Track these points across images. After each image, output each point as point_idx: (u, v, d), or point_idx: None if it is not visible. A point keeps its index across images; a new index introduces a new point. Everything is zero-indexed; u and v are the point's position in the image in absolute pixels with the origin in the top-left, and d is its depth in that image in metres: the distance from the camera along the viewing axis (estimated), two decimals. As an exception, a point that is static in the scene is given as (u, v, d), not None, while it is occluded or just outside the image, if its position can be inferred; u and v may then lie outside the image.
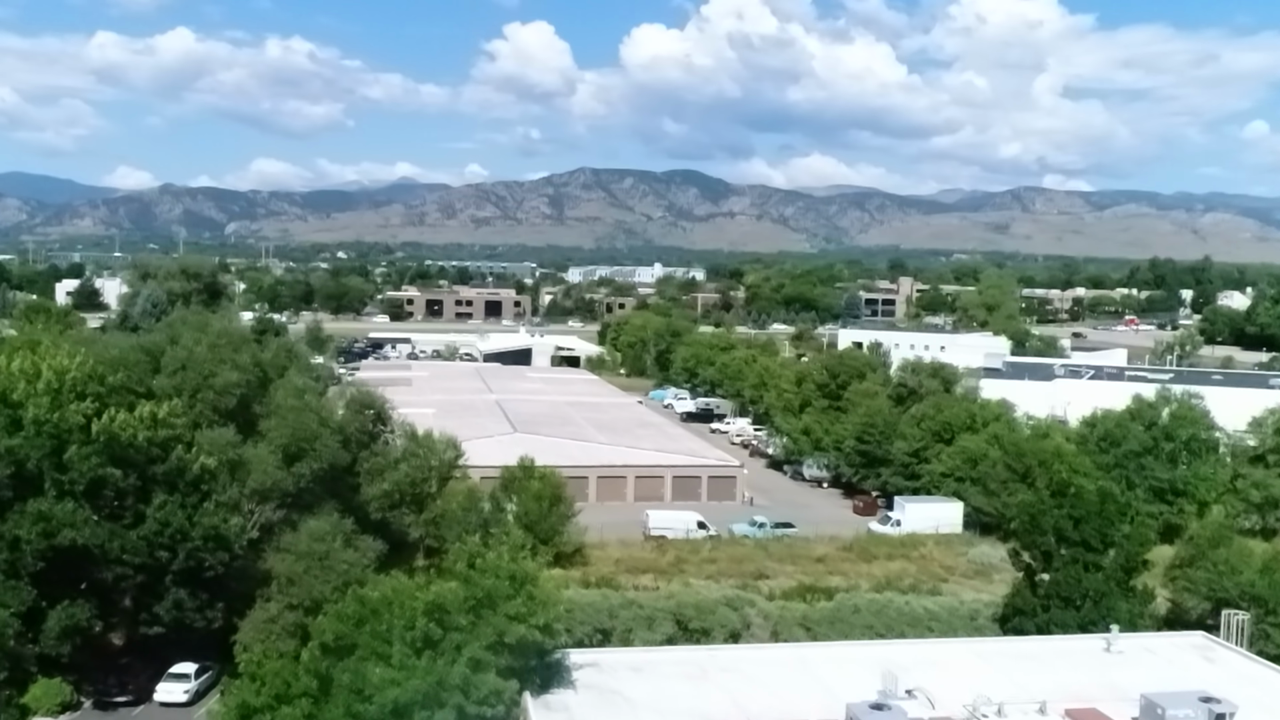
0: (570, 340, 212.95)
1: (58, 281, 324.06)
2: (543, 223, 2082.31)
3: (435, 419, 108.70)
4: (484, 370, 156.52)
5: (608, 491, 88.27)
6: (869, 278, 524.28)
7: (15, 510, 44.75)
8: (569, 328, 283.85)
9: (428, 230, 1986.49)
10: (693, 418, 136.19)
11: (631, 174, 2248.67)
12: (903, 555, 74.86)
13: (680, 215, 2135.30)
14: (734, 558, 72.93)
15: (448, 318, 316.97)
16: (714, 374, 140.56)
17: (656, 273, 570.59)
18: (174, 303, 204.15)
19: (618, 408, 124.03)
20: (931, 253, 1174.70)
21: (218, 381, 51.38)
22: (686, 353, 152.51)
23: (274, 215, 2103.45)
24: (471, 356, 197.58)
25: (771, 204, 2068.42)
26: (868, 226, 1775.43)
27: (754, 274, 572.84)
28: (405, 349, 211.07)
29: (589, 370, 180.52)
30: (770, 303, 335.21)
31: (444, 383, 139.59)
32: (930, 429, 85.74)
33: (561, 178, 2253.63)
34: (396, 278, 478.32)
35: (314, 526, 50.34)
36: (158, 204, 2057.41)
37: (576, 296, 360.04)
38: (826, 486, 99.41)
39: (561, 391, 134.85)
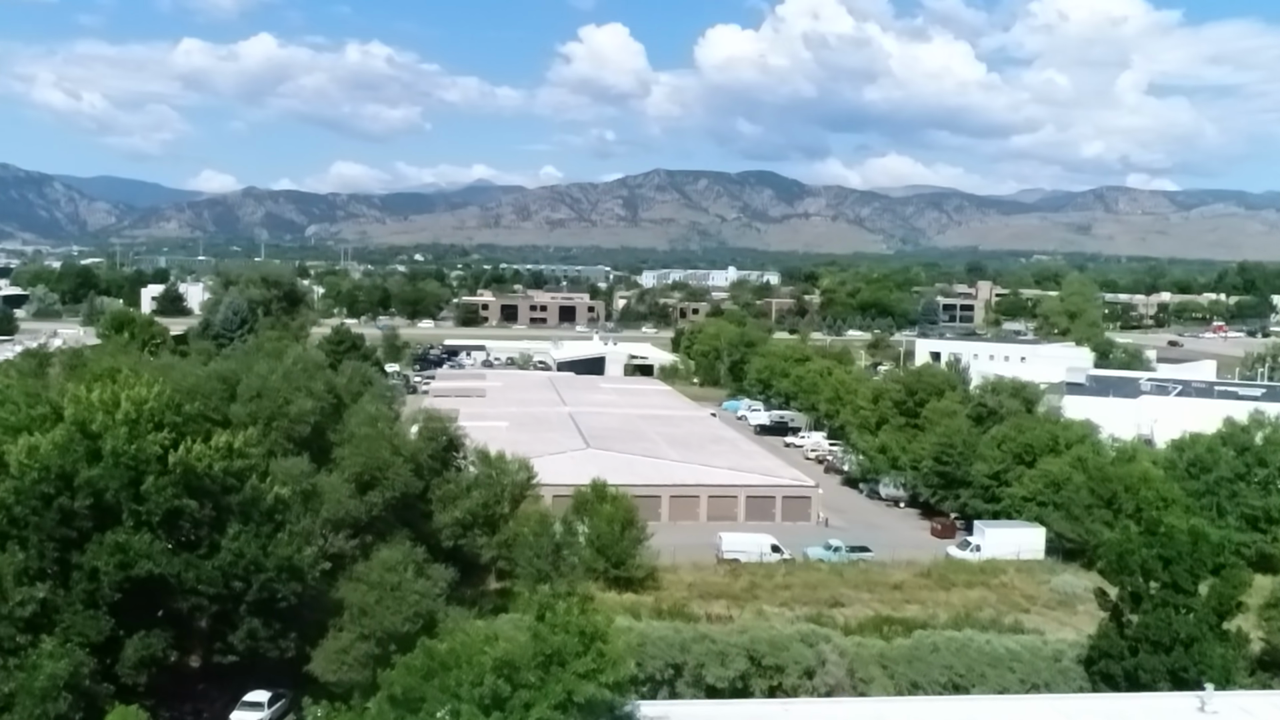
0: (643, 348, 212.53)
1: (143, 287, 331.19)
2: (617, 224, 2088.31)
3: (508, 433, 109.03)
4: (557, 380, 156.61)
5: (680, 511, 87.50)
6: (946, 281, 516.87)
7: (94, 541, 45.21)
8: (642, 334, 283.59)
9: (503, 232, 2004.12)
10: (766, 431, 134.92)
11: (706, 175, 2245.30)
12: (982, 583, 73.09)
13: (755, 216, 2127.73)
14: (808, 583, 71.75)
15: (522, 323, 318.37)
16: (788, 386, 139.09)
17: (730, 276, 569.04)
18: (255, 310, 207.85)
19: (691, 421, 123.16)
20: (1011, 254, 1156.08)
21: (292, 410, 51.59)
22: (761, 364, 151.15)
23: (353, 217, 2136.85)
24: (545, 365, 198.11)
25: (847, 205, 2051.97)
26: (945, 227, 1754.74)
27: (829, 277, 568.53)
28: (480, 356, 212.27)
29: (662, 380, 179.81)
30: (846, 308, 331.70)
31: (517, 394, 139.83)
32: (1011, 451, 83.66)
33: (636, 179, 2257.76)
34: (472, 281, 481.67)
35: (386, 556, 50.25)
36: (240, 207, 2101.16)
37: (650, 301, 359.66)
38: (903, 506, 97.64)
39: (634, 403, 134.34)
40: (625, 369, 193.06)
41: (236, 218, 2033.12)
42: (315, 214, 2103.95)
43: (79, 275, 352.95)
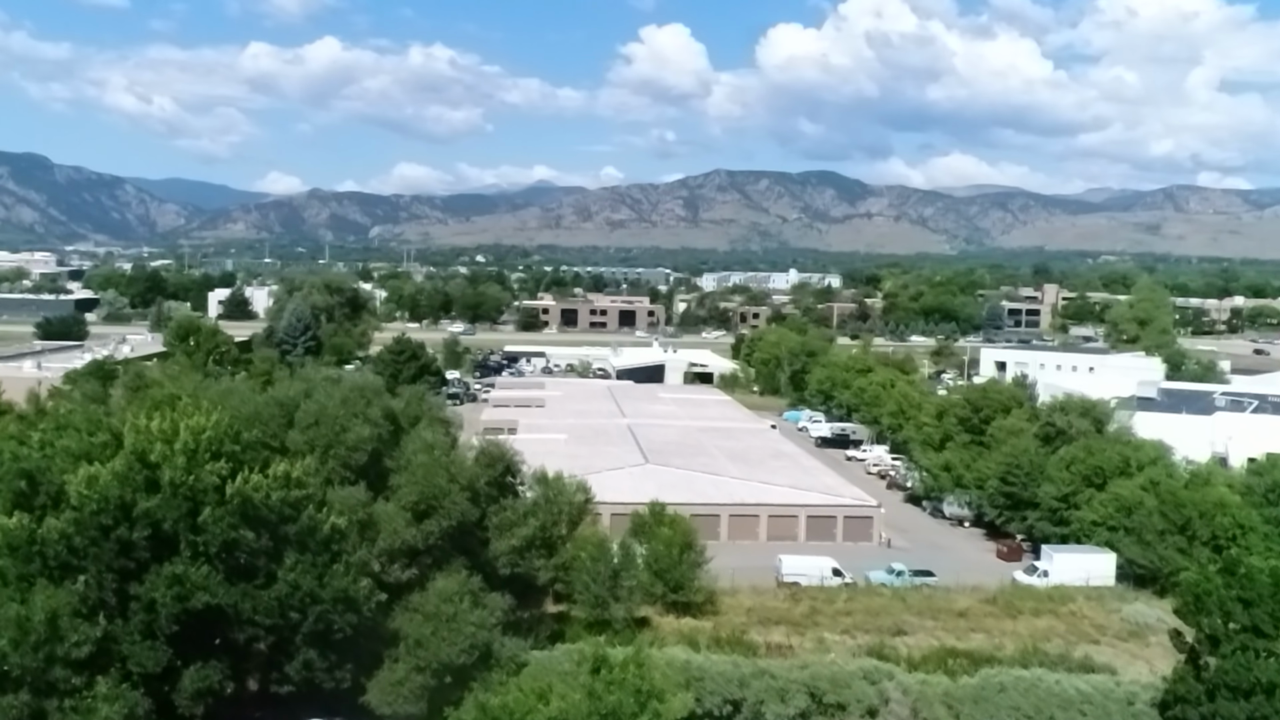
0: (703, 355, 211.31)
1: (210, 291, 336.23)
2: (677, 225, 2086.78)
3: (567, 446, 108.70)
4: (616, 390, 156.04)
5: (740, 530, 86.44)
6: (1011, 283, 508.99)
7: (152, 572, 45.22)
8: (702, 339, 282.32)
9: (564, 233, 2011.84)
10: (828, 443, 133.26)
11: (767, 175, 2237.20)
12: (1050, 611, 71.15)
13: (816, 217, 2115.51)
14: (870, 610, 70.32)
15: (582, 327, 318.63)
16: (850, 398, 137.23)
17: (791, 278, 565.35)
18: (318, 317, 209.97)
19: (751, 434, 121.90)
20: (1078, 254, 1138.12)
21: (349, 437, 51.36)
22: (822, 374, 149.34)
23: (416, 219, 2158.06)
24: (605, 372, 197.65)
25: (910, 205, 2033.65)
26: (1010, 227, 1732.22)
27: (891, 279, 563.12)
28: (540, 363, 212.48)
29: (722, 388, 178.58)
30: (908, 313, 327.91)
31: (576, 404, 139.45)
32: (1080, 473, 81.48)
33: (696, 180, 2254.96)
34: (532, 284, 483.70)
35: (442, 587, 49.84)
36: (306, 208, 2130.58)
37: (710, 305, 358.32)
38: (967, 526, 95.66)
39: (694, 415, 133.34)
40: (685, 377, 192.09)
41: (302, 219, 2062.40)
42: (379, 215, 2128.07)
43: (148, 279, 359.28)
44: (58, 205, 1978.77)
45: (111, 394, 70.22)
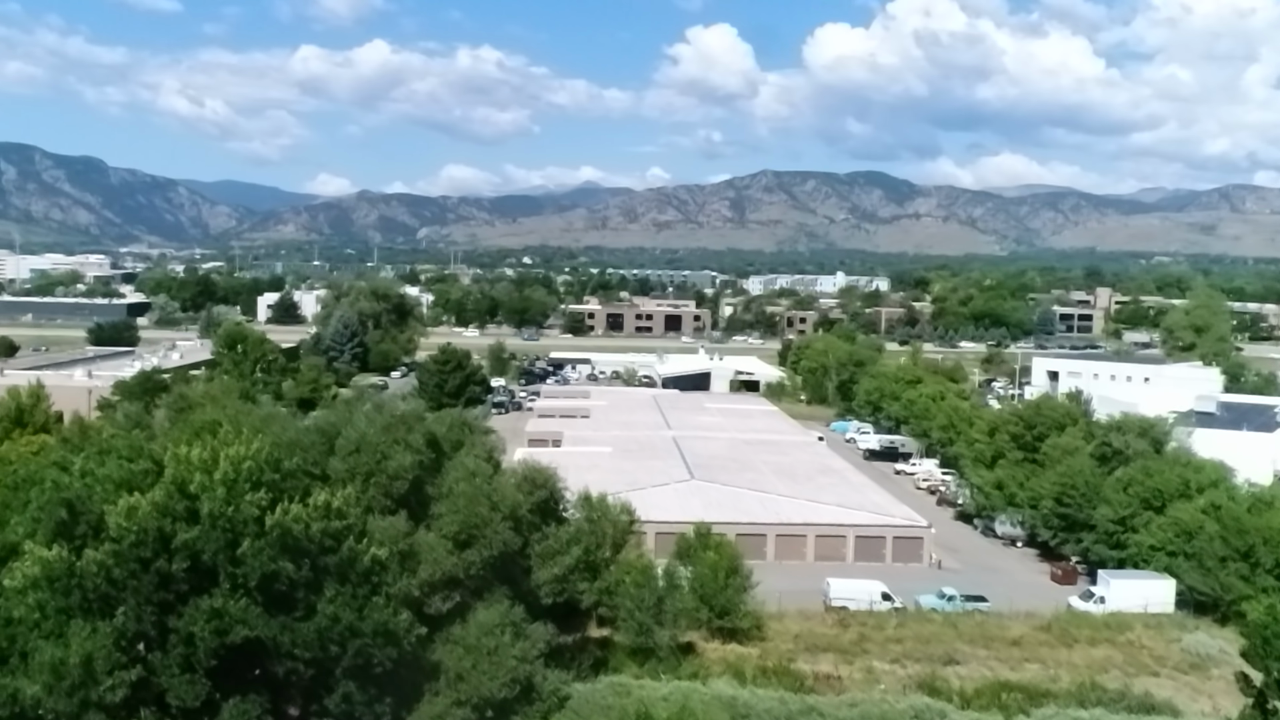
0: (749, 362, 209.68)
1: (259, 295, 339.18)
2: (724, 226, 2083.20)
3: (612, 460, 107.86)
4: (662, 399, 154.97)
5: (786, 550, 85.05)
6: (1063, 286, 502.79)
7: (191, 605, 44.74)
8: (748, 345, 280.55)
9: (610, 234, 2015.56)
10: (876, 456, 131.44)
11: (814, 176, 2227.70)
12: (1107, 640, 69.09)
13: (864, 217, 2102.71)
14: (921, 637, 68.67)
15: (627, 332, 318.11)
16: (899, 410, 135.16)
17: (839, 281, 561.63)
18: (365, 323, 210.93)
19: (798, 448, 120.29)
20: (1130, 255, 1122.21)
21: (391, 465, 50.65)
22: (870, 385, 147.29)
23: (463, 220, 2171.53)
24: (650, 380, 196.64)
25: (959, 205, 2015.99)
26: (1061, 228, 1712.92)
27: (940, 282, 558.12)
28: (585, 370, 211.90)
29: (768, 397, 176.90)
30: (958, 318, 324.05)
31: (622, 415, 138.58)
32: (1138, 495, 79.21)
33: (743, 180, 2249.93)
34: (578, 288, 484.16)
35: (483, 618, 49.01)
36: (355, 210, 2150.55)
37: (756, 310, 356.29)
38: (1020, 546, 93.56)
39: (740, 427, 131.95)
40: (731, 385, 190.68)
41: (351, 221, 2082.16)
42: (426, 217, 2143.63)
43: (199, 284, 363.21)
44: (113, 207, 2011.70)
45: (155, 413, 69.95)
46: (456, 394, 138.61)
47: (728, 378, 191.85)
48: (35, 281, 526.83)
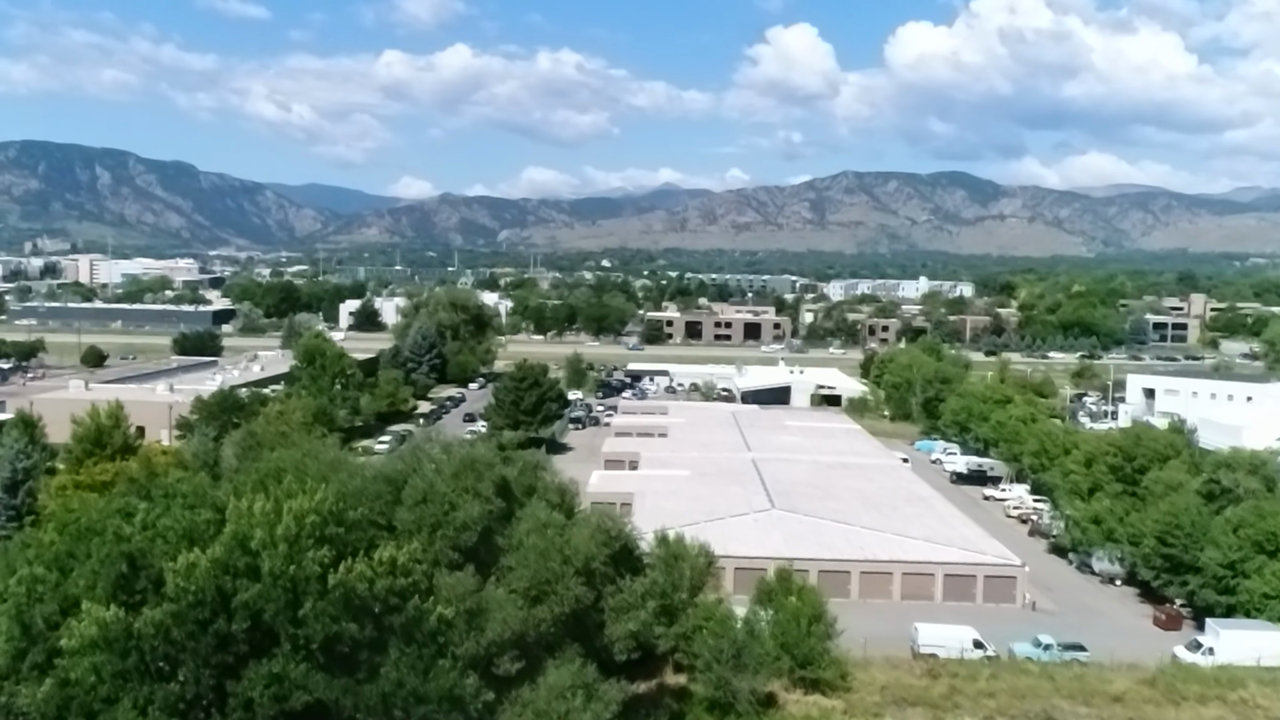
0: (830, 374, 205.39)
1: (341, 302, 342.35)
2: (804, 227, 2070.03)
3: (689, 485, 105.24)
4: (741, 416, 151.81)
5: (871, 588, 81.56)
6: (1154, 291, 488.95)
7: (250, 668, 43.03)
8: (829, 355, 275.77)
9: (689, 236, 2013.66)
10: (963, 479, 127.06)
11: (896, 176, 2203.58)
12: (1218, 697, 64.63)
13: (946, 219, 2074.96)
14: (1015, 690, 64.88)
15: (706, 340, 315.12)
16: (988, 432, 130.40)
17: (922, 287, 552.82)
18: (443, 334, 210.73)
19: (883, 472, 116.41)
20: (1224, 257, 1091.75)
21: (459, 516, 48.52)
22: (957, 404, 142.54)
23: (543, 223, 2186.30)
24: (729, 393, 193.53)
25: (1045, 205, 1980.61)
26: (1151, 229, 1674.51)
27: (1026, 287, 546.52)
28: (663, 382, 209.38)
29: (850, 413, 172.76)
30: (1046, 327, 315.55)
31: (700, 434, 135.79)
32: (1250, 538, 74.41)
33: (823, 181, 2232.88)
34: (657, 293, 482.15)
35: (554, 681, 46.71)
36: (437, 213, 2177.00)
37: (837, 317, 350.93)
38: (1119, 584, 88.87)
39: (822, 448, 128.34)
40: (811, 399, 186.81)
41: (433, 224, 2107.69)
42: (507, 219, 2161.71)
43: (282, 290, 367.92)
44: (203, 211, 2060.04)
45: (225, 443, 68.72)
46: (533, 411, 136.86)
47: (808, 392, 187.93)
48: (126, 287, 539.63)
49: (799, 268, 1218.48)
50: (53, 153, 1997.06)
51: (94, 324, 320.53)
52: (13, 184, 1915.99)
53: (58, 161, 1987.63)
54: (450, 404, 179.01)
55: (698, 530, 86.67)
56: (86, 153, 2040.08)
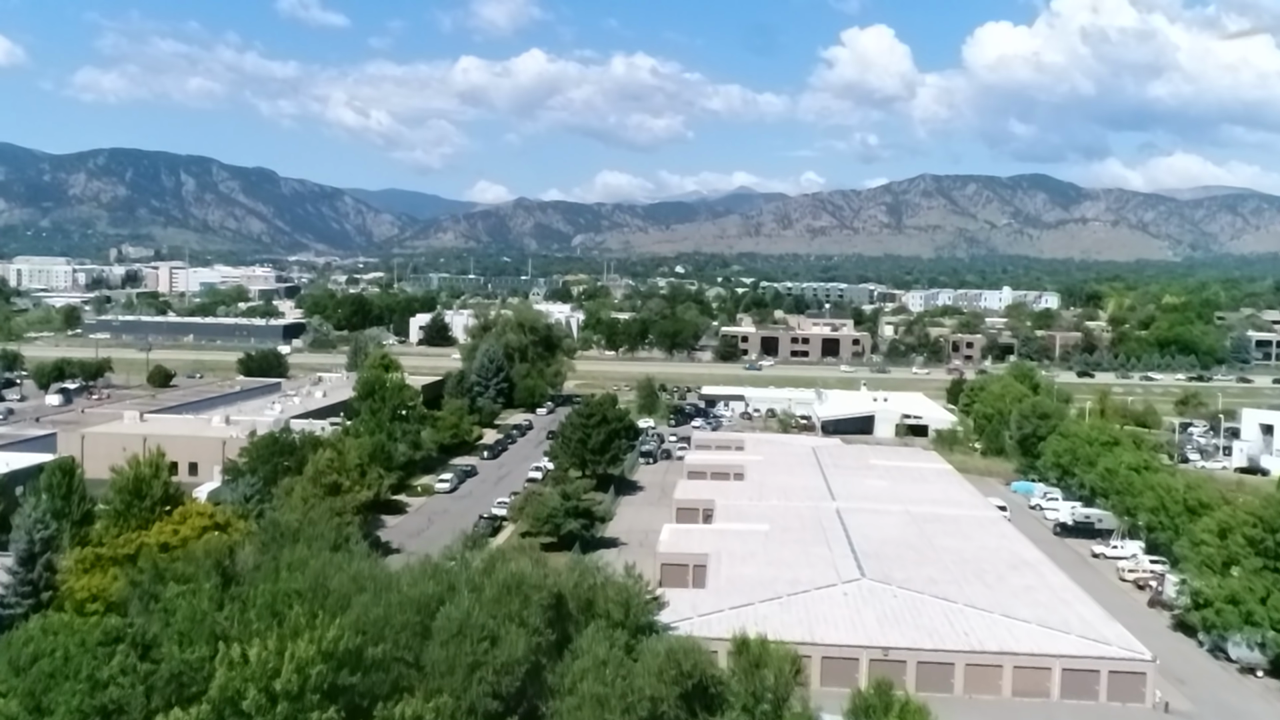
0: (915, 400, 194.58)
1: (411, 316, 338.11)
2: (880, 232, 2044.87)
3: (768, 545, 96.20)
4: (822, 453, 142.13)
5: (978, 682, 71.91)
6: (1251, 303, 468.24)
7: None
8: (913, 375, 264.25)
9: (764, 240, 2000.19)
10: (1068, 531, 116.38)
11: (975, 180, 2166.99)
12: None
13: (1027, 222, 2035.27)
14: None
15: (783, 356, 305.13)
16: (1095, 480, 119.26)
17: (1005, 297, 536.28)
18: (511, 357, 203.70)
19: (981, 528, 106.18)
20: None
21: (500, 655, 40.54)
22: (1059, 446, 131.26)
23: (617, 227, 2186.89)
24: (808, 421, 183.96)
25: (1129, 208, 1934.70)
26: (1240, 232, 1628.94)
27: (1114, 298, 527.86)
28: (738, 407, 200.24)
29: (938, 446, 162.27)
30: (1141, 345, 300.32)
31: (779, 475, 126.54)
32: None
33: (901, 185, 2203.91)
34: (731, 305, 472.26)
35: None
36: (512, 218, 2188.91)
37: (919, 332, 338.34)
38: (1261, 675, 78.05)
39: (912, 494, 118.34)
40: (896, 429, 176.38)
41: (508, 228, 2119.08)
42: (581, 224, 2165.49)
43: (354, 303, 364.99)
44: (283, 217, 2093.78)
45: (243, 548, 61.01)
46: (601, 450, 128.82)
47: (893, 421, 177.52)
48: (202, 296, 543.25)
49: (875, 273, 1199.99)
50: (140, 160, 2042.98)
51: (166, 338, 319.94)
52: (101, 190, 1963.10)
53: (145, 169, 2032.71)
54: (516, 432, 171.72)
55: (779, 607, 78.13)
56: (172, 160, 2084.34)
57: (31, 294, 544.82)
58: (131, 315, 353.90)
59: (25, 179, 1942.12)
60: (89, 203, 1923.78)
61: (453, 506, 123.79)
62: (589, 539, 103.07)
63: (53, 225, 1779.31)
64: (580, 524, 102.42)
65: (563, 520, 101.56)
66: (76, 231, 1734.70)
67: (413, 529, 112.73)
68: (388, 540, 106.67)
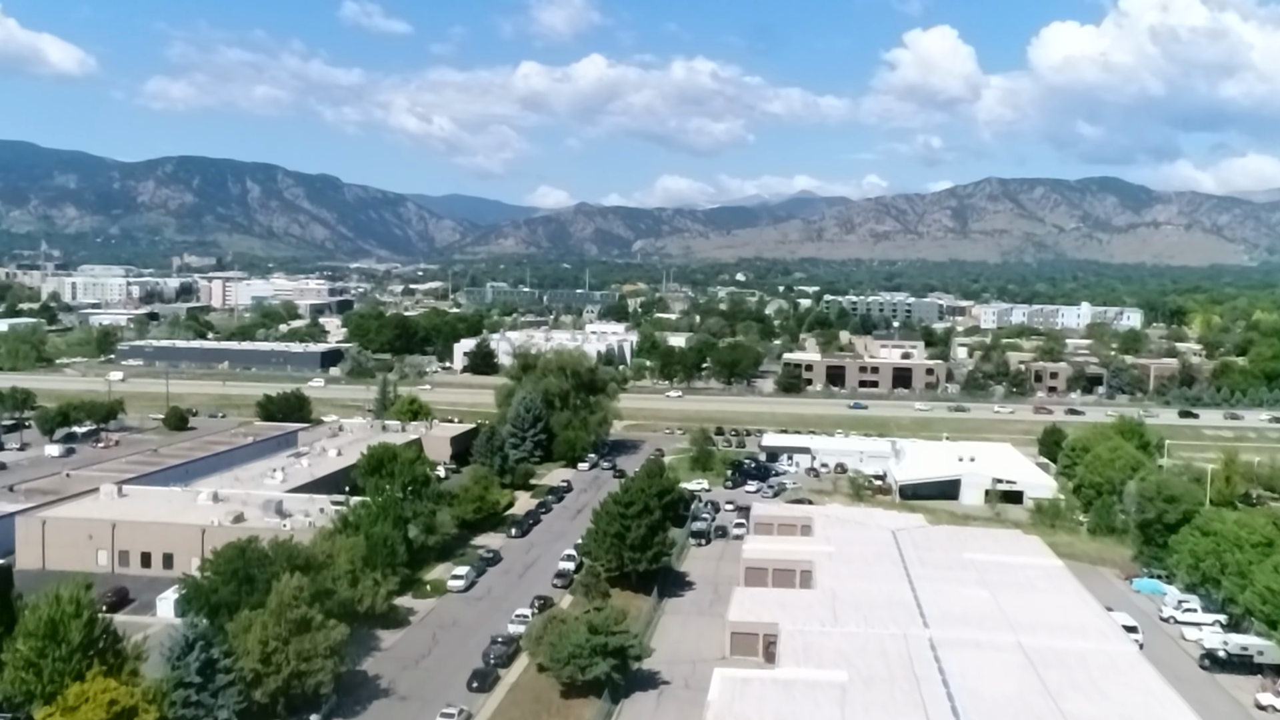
0: (1004, 455, 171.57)
1: (456, 341, 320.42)
2: (945, 236, 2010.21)
3: (847, 705, 75.27)
4: (906, 543, 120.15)
5: None
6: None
7: None
8: (995, 414, 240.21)
9: (826, 245, 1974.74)
10: (1217, 662, 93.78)
11: (1042, 183, 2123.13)
12: None
13: (1097, 226, 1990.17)
14: None
15: (850, 386, 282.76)
16: (1253, 600, 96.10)
17: (1083, 314, 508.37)
18: (551, 403, 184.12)
19: (1116, 672, 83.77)
20: None
21: None
22: (1200, 548, 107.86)
23: (678, 232, 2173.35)
24: (883, 483, 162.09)
25: (1202, 211, 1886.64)
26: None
27: (1200, 313, 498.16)
28: (804, 462, 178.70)
29: (1039, 525, 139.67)
30: (1245, 377, 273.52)
31: (856, 581, 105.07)
32: None
33: (966, 189, 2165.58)
34: (794, 323, 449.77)
35: None
36: (572, 223, 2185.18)
37: (997, 360, 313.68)
38: None
39: (1020, 610, 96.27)
40: (987, 495, 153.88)
41: (568, 234, 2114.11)
42: (641, 229, 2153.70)
43: (397, 326, 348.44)
44: (346, 223, 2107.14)
45: None
46: (643, 545, 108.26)
47: (982, 486, 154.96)
48: (252, 312, 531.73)
49: (940, 279, 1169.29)
50: (207, 168, 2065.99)
51: (200, 365, 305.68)
52: (169, 198, 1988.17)
53: (211, 176, 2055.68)
54: (552, 498, 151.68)
55: None
56: (238, 167, 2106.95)
57: (81, 310, 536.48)
58: (167, 340, 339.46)
59: (96, 187, 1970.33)
60: (157, 210, 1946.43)
61: (465, 614, 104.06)
62: (620, 684, 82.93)
63: (121, 232, 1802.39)
64: (611, 664, 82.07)
65: (588, 661, 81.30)
66: (144, 239, 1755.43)
67: (411, 654, 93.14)
68: (376, 675, 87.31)
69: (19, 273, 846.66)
